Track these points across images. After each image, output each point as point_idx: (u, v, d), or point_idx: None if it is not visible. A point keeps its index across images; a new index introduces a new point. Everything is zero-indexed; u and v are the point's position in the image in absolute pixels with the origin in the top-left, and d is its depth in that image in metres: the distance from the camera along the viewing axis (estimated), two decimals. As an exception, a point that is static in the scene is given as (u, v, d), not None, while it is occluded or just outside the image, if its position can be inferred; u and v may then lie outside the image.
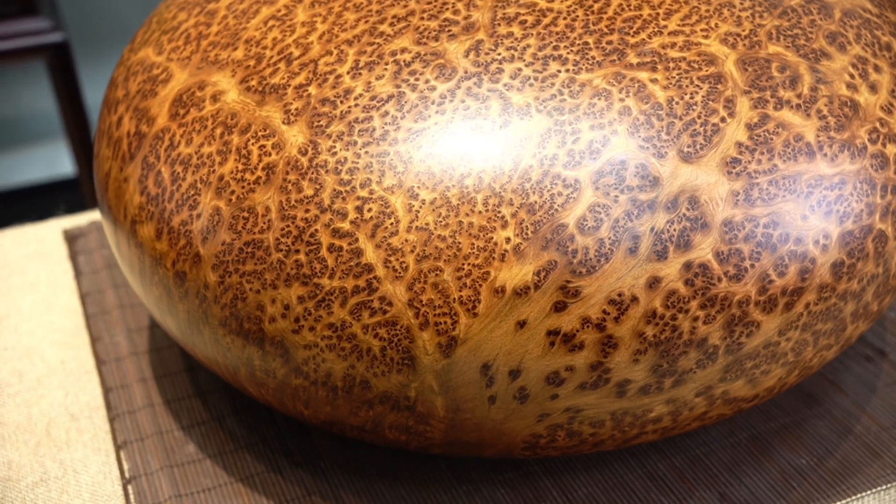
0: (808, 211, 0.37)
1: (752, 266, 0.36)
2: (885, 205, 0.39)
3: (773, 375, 0.40)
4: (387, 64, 0.39)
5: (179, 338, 0.43)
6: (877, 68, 0.40)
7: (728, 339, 0.37)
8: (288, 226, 0.37)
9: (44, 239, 0.63)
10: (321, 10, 0.42)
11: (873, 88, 0.40)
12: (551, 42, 0.39)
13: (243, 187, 0.39)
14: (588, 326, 0.36)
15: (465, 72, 0.38)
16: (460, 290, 0.36)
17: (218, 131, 0.40)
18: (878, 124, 0.39)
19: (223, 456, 0.47)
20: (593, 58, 0.38)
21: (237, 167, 0.39)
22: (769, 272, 0.37)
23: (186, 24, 0.45)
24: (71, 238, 0.63)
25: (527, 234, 0.36)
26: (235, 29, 0.43)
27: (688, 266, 0.36)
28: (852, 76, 0.40)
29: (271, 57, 0.41)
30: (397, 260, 0.36)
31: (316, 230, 0.37)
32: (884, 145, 0.39)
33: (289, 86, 0.40)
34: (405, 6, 0.41)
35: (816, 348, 0.40)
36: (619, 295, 0.36)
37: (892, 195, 0.39)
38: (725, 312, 0.37)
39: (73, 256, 0.61)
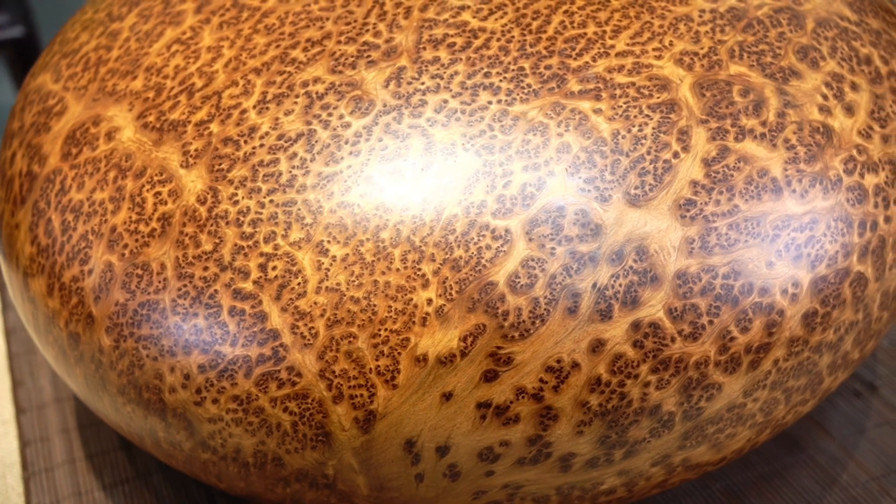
0: (775, 256, 0.32)
1: (711, 323, 0.32)
2: (863, 244, 0.34)
3: (741, 438, 0.35)
4: (297, 96, 0.35)
5: (83, 400, 0.39)
6: (854, 86, 0.36)
7: (685, 405, 0.33)
8: (185, 285, 0.33)
9: (-27, 268, 0.59)
10: (229, 33, 0.37)
11: (849, 110, 0.35)
12: (482, 68, 0.34)
13: (137, 240, 0.34)
14: (523, 397, 0.32)
15: (384, 105, 0.34)
16: (377, 360, 0.31)
17: (111, 175, 0.36)
18: (854, 152, 0.34)
19: (146, 520, 0.43)
20: (529, 86, 0.34)
21: (131, 217, 0.35)
22: (730, 328, 0.32)
23: (87, 46, 0.41)
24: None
25: (451, 294, 0.31)
26: (137, 54, 0.39)
27: (636, 326, 0.31)
28: (825, 97, 0.35)
29: (172, 88, 0.37)
30: (305, 325, 0.32)
31: (216, 291, 0.33)
32: (861, 176, 0.34)
33: (189, 122, 0.35)
34: (321, 27, 0.36)
35: (789, 405, 0.36)
36: (558, 361, 0.31)
37: (872, 232, 0.34)
38: (681, 376, 0.32)
39: (1, 287, 0.57)
